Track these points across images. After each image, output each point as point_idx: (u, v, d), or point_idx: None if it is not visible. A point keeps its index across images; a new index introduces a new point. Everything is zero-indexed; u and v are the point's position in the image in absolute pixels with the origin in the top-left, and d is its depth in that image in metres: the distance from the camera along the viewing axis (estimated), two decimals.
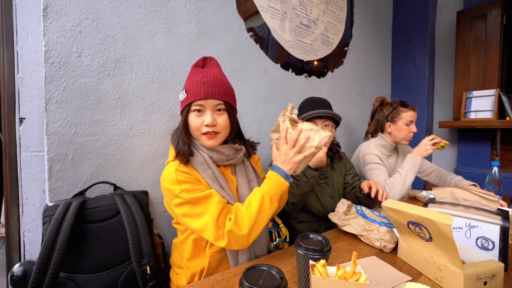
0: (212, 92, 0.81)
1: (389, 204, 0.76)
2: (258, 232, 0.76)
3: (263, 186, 0.79)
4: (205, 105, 0.82)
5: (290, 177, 0.79)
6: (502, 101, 1.89)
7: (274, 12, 1.51)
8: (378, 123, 1.59)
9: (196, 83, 0.82)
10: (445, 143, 1.34)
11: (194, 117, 0.83)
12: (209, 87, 0.81)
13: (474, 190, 0.84)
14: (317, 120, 1.15)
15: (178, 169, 0.80)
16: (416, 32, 2.32)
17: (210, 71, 0.85)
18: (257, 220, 0.74)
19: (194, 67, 0.87)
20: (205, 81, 0.81)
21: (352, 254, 0.57)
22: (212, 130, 0.82)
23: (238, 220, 0.74)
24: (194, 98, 0.81)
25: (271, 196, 0.77)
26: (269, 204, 0.76)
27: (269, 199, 0.76)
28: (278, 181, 0.78)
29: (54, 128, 0.89)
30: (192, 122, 0.83)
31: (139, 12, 1.05)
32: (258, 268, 0.52)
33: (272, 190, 0.77)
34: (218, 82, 0.83)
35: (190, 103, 0.82)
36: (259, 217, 0.75)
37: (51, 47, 0.88)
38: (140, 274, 0.84)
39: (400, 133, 1.48)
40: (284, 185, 0.78)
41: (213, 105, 0.82)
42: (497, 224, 0.74)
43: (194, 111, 0.82)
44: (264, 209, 0.75)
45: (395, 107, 1.50)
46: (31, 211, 0.93)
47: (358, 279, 0.51)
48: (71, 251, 0.81)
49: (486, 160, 2.08)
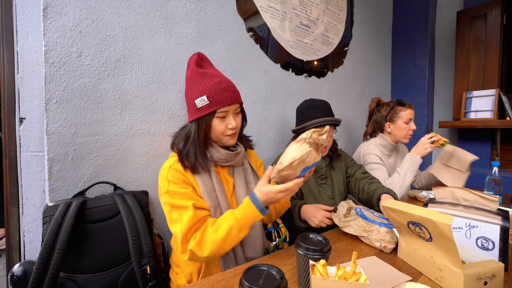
0: (234, 97, 0.85)
1: (389, 204, 0.76)
2: (220, 254, 0.77)
3: (236, 213, 0.76)
4: (229, 110, 0.85)
5: (266, 210, 0.76)
6: (502, 101, 1.89)
7: (274, 12, 1.51)
8: (376, 124, 1.59)
9: (217, 89, 0.83)
10: (445, 141, 1.33)
11: (218, 122, 0.85)
12: (230, 93, 0.84)
13: (474, 191, 0.84)
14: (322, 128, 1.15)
15: (172, 166, 0.83)
16: (416, 32, 2.32)
17: (218, 73, 0.88)
18: (220, 246, 0.74)
19: (196, 68, 0.87)
20: (225, 87, 0.83)
21: (352, 254, 0.57)
22: (235, 131, 0.87)
23: (202, 241, 0.74)
24: (220, 105, 0.82)
25: (241, 226, 0.74)
26: (237, 233, 0.75)
27: (238, 228, 0.74)
28: (253, 213, 0.75)
29: (54, 128, 0.89)
30: (217, 127, 0.85)
31: (139, 12, 1.05)
32: (258, 268, 0.52)
33: (243, 220, 0.75)
34: (233, 86, 0.87)
35: (215, 110, 0.83)
36: (224, 244, 0.74)
37: (51, 47, 0.88)
38: (140, 274, 0.84)
39: (400, 132, 1.49)
40: (257, 218, 0.75)
41: (234, 109, 0.87)
42: (497, 224, 0.74)
43: (218, 118, 0.84)
44: (230, 237, 0.74)
45: (393, 107, 1.51)
46: (31, 211, 0.93)
47: (358, 279, 0.51)
48: (71, 251, 0.81)
49: (486, 160, 2.08)
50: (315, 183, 1.24)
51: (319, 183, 1.24)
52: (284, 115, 1.59)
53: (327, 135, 0.76)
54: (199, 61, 0.90)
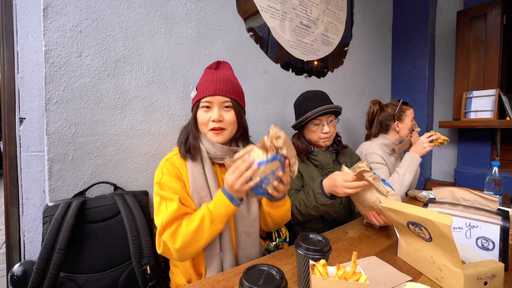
0: (220, 89, 0.84)
1: (389, 205, 0.76)
2: (193, 250, 0.75)
3: (209, 205, 0.76)
4: (212, 101, 0.85)
5: (236, 200, 0.75)
6: (502, 101, 1.89)
7: (274, 12, 1.51)
8: (382, 124, 1.58)
9: (206, 81, 0.86)
10: (444, 139, 1.33)
11: (202, 112, 0.86)
12: (217, 84, 0.85)
13: (474, 191, 0.84)
14: (321, 117, 1.16)
15: (169, 159, 0.85)
16: (416, 32, 2.32)
17: (221, 72, 0.89)
18: (192, 239, 0.73)
19: (207, 69, 0.91)
20: (214, 79, 0.85)
21: (352, 254, 0.57)
22: (219, 126, 0.85)
23: (175, 232, 0.74)
24: (202, 95, 0.85)
25: (213, 217, 0.74)
26: (209, 225, 0.74)
27: (209, 219, 0.74)
28: (224, 202, 0.74)
29: (54, 128, 0.89)
30: (200, 117, 0.86)
31: (139, 12, 1.05)
32: (258, 268, 0.52)
33: (216, 211, 0.74)
34: (226, 80, 0.86)
35: (199, 99, 0.85)
36: (196, 236, 0.73)
37: (51, 47, 0.88)
38: (140, 274, 0.84)
39: (407, 130, 1.53)
40: (229, 207, 0.75)
41: (220, 101, 0.85)
42: (497, 224, 0.74)
43: (202, 108, 0.86)
44: (202, 229, 0.74)
45: (400, 106, 1.52)
46: (31, 211, 0.93)
47: (358, 279, 0.51)
48: (72, 251, 0.81)
49: (486, 160, 2.08)
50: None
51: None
52: (284, 115, 1.59)
53: (284, 138, 0.73)
54: (216, 65, 0.93)
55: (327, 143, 1.21)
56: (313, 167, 1.21)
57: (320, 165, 1.21)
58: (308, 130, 1.21)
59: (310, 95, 1.22)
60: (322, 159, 1.20)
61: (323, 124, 1.17)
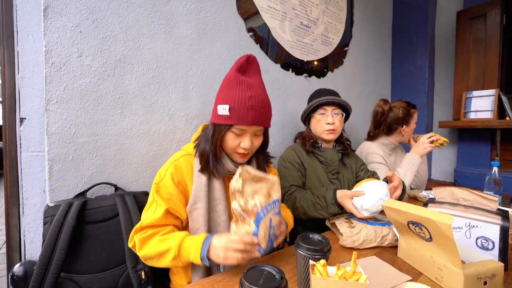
0: (259, 119, 0.77)
1: (389, 204, 0.76)
2: (152, 264, 0.75)
3: (185, 240, 0.71)
4: (247, 130, 0.79)
5: (207, 260, 0.68)
6: (502, 101, 1.89)
7: (274, 12, 1.51)
8: (390, 127, 1.53)
9: (243, 105, 0.75)
10: (444, 140, 1.33)
11: (232, 137, 0.79)
12: (256, 113, 0.76)
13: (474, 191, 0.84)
14: (327, 106, 1.18)
15: (176, 161, 0.83)
16: (416, 32, 2.32)
17: (256, 86, 0.79)
18: (154, 257, 0.73)
19: (236, 73, 0.79)
20: (253, 105, 0.75)
21: (352, 254, 0.57)
22: (247, 152, 0.82)
23: (144, 241, 0.74)
24: (238, 122, 0.76)
25: (179, 255, 0.70)
26: (171, 259, 0.70)
27: (173, 256, 0.70)
28: (195, 253, 0.68)
29: (54, 128, 0.89)
30: (229, 141, 0.80)
31: (139, 12, 1.06)
32: (258, 268, 0.53)
33: (184, 252, 0.70)
34: (265, 107, 0.79)
35: (232, 124, 0.77)
36: (155, 258, 0.73)
37: (52, 47, 0.88)
38: (135, 279, 0.85)
39: (411, 133, 1.54)
40: (195, 260, 0.69)
41: (255, 130, 0.80)
42: (497, 224, 0.74)
43: (233, 131, 0.79)
44: (163, 258, 0.72)
45: (409, 110, 1.50)
46: (31, 211, 0.93)
47: (358, 279, 0.51)
48: (72, 251, 0.81)
49: (486, 160, 2.08)
50: (326, 178, 1.20)
51: (330, 178, 1.20)
52: (284, 115, 1.59)
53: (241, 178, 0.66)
54: (245, 65, 0.80)
55: (331, 137, 1.20)
56: (318, 163, 1.22)
57: (325, 162, 1.20)
58: (313, 120, 1.23)
59: (321, 90, 1.28)
60: (328, 156, 1.21)
61: (327, 114, 1.18)
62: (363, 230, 0.88)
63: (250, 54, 0.82)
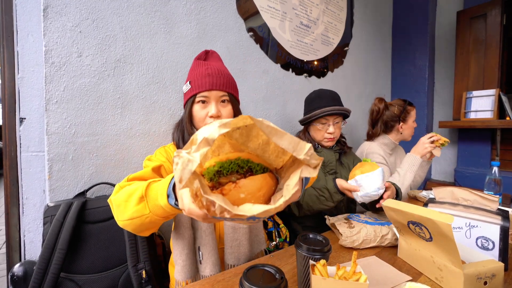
0: (217, 83, 0.82)
1: (389, 204, 0.76)
2: (118, 214, 0.62)
3: (152, 183, 0.59)
4: (209, 96, 0.82)
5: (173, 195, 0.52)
6: (502, 101, 1.89)
7: (274, 12, 1.51)
8: (387, 125, 1.54)
9: (200, 74, 0.82)
10: (445, 141, 1.33)
11: (198, 108, 0.83)
12: (213, 78, 0.82)
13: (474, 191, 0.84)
14: (329, 117, 1.17)
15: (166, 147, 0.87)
16: (416, 32, 2.32)
17: (213, 64, 0.87)
18: (120, 203, 0.61)
19: (196, 60, 0.89)
20: (209, 73, 0.82)
21: (352, 254, 0.57)
22: None
23: (121, 187, 0.65)
24: (198, 90, 0.81)
25: (146, 195, 0.57)
26: (136, 201, 0.57)
27: (139, 195, 0.57)
28: (162, 189, 0.54)
29: (54, 128, 0.89)
30: (197, 113, 0.83)
31: (139, 12, 1.05)
32: (258, 268, 0.53)
33: (152, 191, 0.57)
34: (222, 74, 0.84)
35: (194, 94, 0.82)
36: (122, 204, 0.60)
37: (51, 47, 0.88)
38: (135, 278, 0.85)
39: (409, 131, 1.53)
40: (163, 195, 0.53)
41: (217, 96, 0.83)
42: (497, 224, 0.74)
43: (198, 103, 0.83)
44: (129, 200, 0.59)
45: (405, 107, 1.51)
46: (31, 211, 0.93)
47: (358, 279, 0.51)
48: (72, 251, 0.81)
49: (486, 160, 2.08)
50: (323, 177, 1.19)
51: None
52: (284, 115, 1.59)
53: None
54: (205, 55, 0.90)
55: (330, 144, 1.22)
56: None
57: (323, 162, 1.21)
58: (313, 128, 1.22)
59: (322, 94, 1.24)
60: (326, 156, 1.21)
61: (329, 124, 1.18)
62: (362, 230, 0.88)
63: (210, 49, 0.92)
